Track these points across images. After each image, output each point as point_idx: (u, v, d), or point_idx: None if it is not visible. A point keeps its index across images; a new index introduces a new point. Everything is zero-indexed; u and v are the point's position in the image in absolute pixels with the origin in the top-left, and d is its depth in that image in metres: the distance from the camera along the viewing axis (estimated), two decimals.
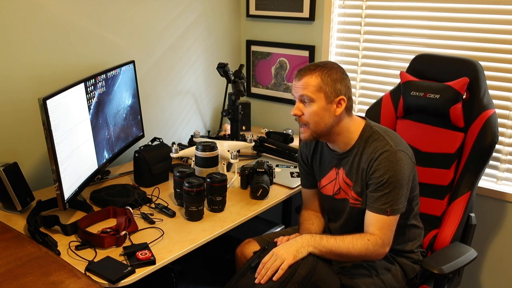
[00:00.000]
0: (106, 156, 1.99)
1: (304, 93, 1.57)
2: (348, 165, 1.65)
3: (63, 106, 1.62)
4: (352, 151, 1.64)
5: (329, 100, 1.56)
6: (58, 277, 1.34)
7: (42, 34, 1.93)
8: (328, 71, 1.56)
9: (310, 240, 1.55)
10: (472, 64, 1.86)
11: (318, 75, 1.55)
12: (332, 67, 1.58)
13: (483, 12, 2.08)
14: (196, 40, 2.65)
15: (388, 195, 1.54)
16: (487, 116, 1.82)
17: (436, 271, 1.60)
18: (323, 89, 1.55)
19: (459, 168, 1.87)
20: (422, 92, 1.91)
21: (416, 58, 2.03)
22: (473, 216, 1.88)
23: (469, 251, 1.75)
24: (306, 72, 1.57)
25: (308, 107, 1.58)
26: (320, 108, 1.56)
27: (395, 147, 1.57)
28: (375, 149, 1.58)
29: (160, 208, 1.83)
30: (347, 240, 1.55)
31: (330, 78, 1.55)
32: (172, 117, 2.62)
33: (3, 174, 1.71)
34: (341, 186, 1.70)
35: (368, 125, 1.65)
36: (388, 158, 1.54)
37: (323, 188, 1.78)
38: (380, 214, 1.55)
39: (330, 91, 1.55)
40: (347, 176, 1.67)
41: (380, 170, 1.54)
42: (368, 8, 2.42)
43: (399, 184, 1.54)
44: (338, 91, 1.56)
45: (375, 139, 1.60)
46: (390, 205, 1.54)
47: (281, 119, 2.89)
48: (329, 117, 1.58)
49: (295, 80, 1.60)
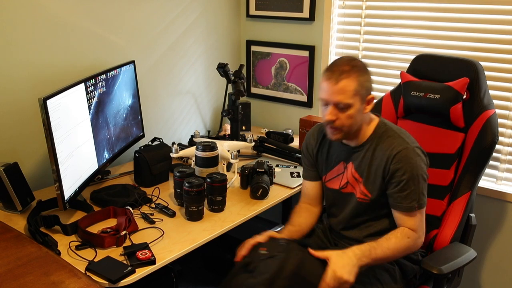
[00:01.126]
0: (106, 156, 1.99)
1: (341, 100, 1.50)
2: (359, 159, 1.65)
3: (63, 106, 1.62)
4: (365, 146, 1.64)
5: (362, 101, 1.55)
6: (58, 277, 1.34)
7: (42, 34, 1.94)
8: (361, 71, 1.52)
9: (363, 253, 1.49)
10: (473, 65, 1.86)
11: (354, 78, 1.50)
12: (361, 64, 1.55)
13: (483, 12, 2.08)
14: (196, 40, 2.65)
15: (413, 192, 1.55)
16: (487, 117, 1.82)
17: (435, 271, 1.60)
18: (359, 93, 1.51)
19: (459, 168, 1.87)
20: (422, 92, 1.92)
21: (417, 58, 2.03)
22: (473, 216, 1.88)
23: (469, 251, 1.75)
24: (343, 76, 1.49)
25: (343, 112, 1.53)
26: (355, 111, 1.53)
27: (412, 144, 1.58)
28: (391, 147, 1.58)
29: (160, 208, 1.83)
30: (391, 244, 1.54)
31: (364, 78, 1.53)
32: (172, 117, 2.62)
33: (4, 174, 1.71)
34: (349, 181, 1.69)
35: (382, 121, 1.66)
36: (407, 155, 1.55)
37: (328, 182, 1.77)
38: (409, 212, 1.57)
39: (364, 93, 1.54)
40: (356, 170, 1.66)
41: (401, 169, 1.54)
42: (368, 8, 2.42)
43: (421, 179, 1.56)
44: (369, 90, 1.56)
45: (389, 136, 1.61)
46: (417, 201, 1.56)
47: (281, 119, 2.89)
48: (360, 117, 1.58)
49: (328, 83, 1.51)
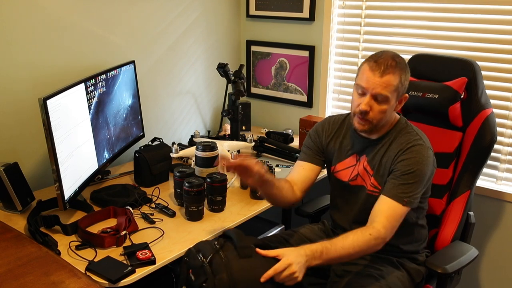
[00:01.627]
0: (106, 156, 1.99)
1: (382, 92, 1.51)
2: (373, 152, 1.65)
3: (63, 106, 1.62)
4: (383, 139, 1.64)
5: (398, 98, 1.57)
6: (58, 277, 1.34)
7: (42, 34, 1.94)
8: (404, 69, 1.54)
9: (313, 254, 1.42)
10: (470, 64, 1.86)
11: (399, 74, 1.52)
12: (404, 63, 1.56)
13: (483, 12, 2.09)
14: (196, 40, 2.65)
15: (410, 185, 1.53)
16: (486, 116, 1.82)
17: (440, 271, 1.60)
18: (398, 90, 1.54)
19: (458, 167, 1.88)
20: (420, 92, 1.92)
21: (413, 58, 2.04)
22: (472, 214, 1.89)
23: (471, 249, 1.76)
24: (389, 70, 1.50)
25: (379, 104, 1.54)
26: (390, 106, 1.55)
27: (427, 144, 1.59)
28: (407, 141, 1.59)
29: (160, 208, 1.83)
30: (347, 243, 1.46)
31: (405, 77, 1.55)
32: (172, 117, 2.62)
33: (4, 174, 1.71)
34: (359, 173, 1.68)
35: (403, 118, 1.68)
36: (419, 151, 1.56)
37: (338, 173, 1.75)
38: (395, 201, 1.52)
39: (402, 91, 1.56)
40: (368, 163, 1.66)
41: (410, 159, 1.55)
42: (368, 8, 2.42)
43: (422, 179, 1.55)
44: (405, 89, 1.58)
45: (409, 132, 1.62)
46: (409, 196, 1.53)
47: (281, 119, 2.89)
48: (391, 113, 1.60)
49: (373, 74, 1.51)
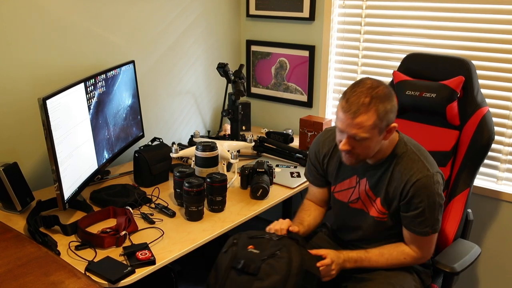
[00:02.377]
0: (106, 156, 1.99)
1: (357, 134, 1.43)
2: (375, 178, 1.59)
3: (63, 106, 1.61)
4: (383, 165, 1.57)
5: (381, 132, 1.45)
6: (58, 277, 1.34)
7: (42, 34, 1.93)
8: (383, 101, 1.41)
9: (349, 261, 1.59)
10: (465, 63, 1.87)
11: (374, 111, 1.39)
12: (383, 92, 1.42)
13: (484, 12, 2.08)
14: (196, 40, 2.65)
15: (429, 219, 1.52)
16: (483, 114, 1.83)
17: (448, 270, 1.62)
18: (378, 126, 1.42)
19: (455, 165, 1.88)
20: (418, 92, 1.92)
21: (408, 57, 2.04)
22: (470, 212, 1.90)
23: (474, 247, 1.78)
24: (361, 110, 1.39)
25: (359, 143, 1.46)
26: (373, 142, 1.46)
27: (432, 170, 1.51)
28: (411, 172, 1.51)
29: (160, 208, 1.83)
30: (381, 261, 1.59)
31: (385, 110, 1.41)
32: (172, 117, 2.62)
33: (3, 174, 1.71)
34: (361, 197, 1.64)
35: (402, 140, 1.58)
36: (426, 184, 1.49)
37: (337, 193, 1.72)
38: (421, 236, 1.55)
39: (384, 125, 1.44)
40: (371, 189, 1.61)
41: (419, 197, 1.49)
42: (368, 8, 2.42)
43: (437, 206, 1.52)
44: (390, 120, 1.45)
45: (410, 158, 1.54)
46: (431, 227, 1.53)
47: (281, 119, 2.89)
48: (379, 145, 1.50)
49: (346, 115, 1.42)
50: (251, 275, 1.46)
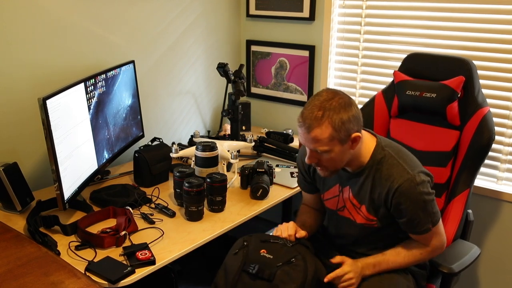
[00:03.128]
0: (106, 156, 1.99)
1: (316, 148, 1.43)
2: (357, 186, 1.57)
3: (63, 106, 1.61)
4: (363, 173, 1.54)
5: (343, 143, 1.43)
6: (58, 277, 1.34)
7: (42, 34, 1.93)
8: (336, 113, 1.39)
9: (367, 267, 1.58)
10: (466, 63, 1.87)
11: (328, 124, 1.39)
12: (337, 104, 1.40)
13: (484, 12, 2.08)
14: (196, 40, 2.65)
15: (424, 218, 1.50)
16: (483, 114, 1.83)
17: (446, 271, 1.61)
18: (336, 138, 1.41)
19: (456, 166, 1.88)
20: (418, 91, 1.92)
21: (409, 57, 2.04)
22: (470, 212, 1.90)
23: (473, 248, 1.77)
24: (314, 124, 1.39)
25: (322, 155, 1.46)
26: (336, 153, 1.44)
27: (412, 172, 1.47)
28: (391, 177, 1.48)
29: (160, 208, 1.83)
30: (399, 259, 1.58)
31: (340, 121, 1.39)
32: (172, 117, 2.62)
33: (3, 174, 1.71)
34: (346, 205, 1.63)
35: (379, 145, 1.54)
36: (408, 189, 1.46)
37: (326, 201, 1.71)
38: (425, 234, 1.53)
39: (343, 135, 1.41)
40: (355, 197, 1.59)
41: (405, 202, 1.47)
42: (368, 8, 2.42)
43: (427, 204, 1.49)
44: (351, 130, 1.42)
45: (388, 163, 1.51)
46: (430, 221, 1.51)
47: (281, 119, 2.89)
48: (346, 155, 1.48)
49: (302, 130, 1.43)
50: (265, 281, 1.48)
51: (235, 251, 1.59)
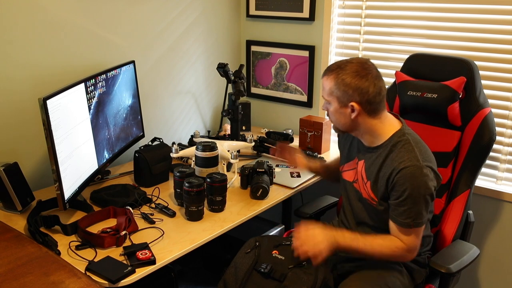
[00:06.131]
0: (106, 156, 1.99)
1: (322, 94, 1.61)
2: (370, 161, 1.62)
3: (63, 106, 1.62)
4: (378, 150, 1.59)
5: (342, 104, 1.55)
6: (58, 277, 1.34)
7: (42, 34, 1.94)
8: (344, 74, 1.51)
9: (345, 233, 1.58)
10: (468, 64, 1.87)
11: (332, 78, 1.53)
12: (351, 70, 1.51)
13: (485, 12, 2.08)
14: (196, 40, 2.65)
15: (410, 210, 1.50)
16: (484, 115, 1.83)
17: (444, 271, 1.61)
18: (334, 94, 1.54)
19: (457, 166, 1.88)
20: (419, 92, 1.92)
21: (411, 58, 2.04)
22: (471, 213, 1.90)
23: (472, 248, 1.77)
24: (326, 73, 1.57)
25: (328, 107, 1.61)
26: (335, 110, 1.58)
27: (422, 162, 1.50)
28: (401, 159, 1.51)
29: (160, 208, 1.83)
30: (376, 245, 1.56)
31: (343, 82, 1.51)
32: (172, 117, 2.62)
33: (4, 174, 1.71)
34: (358, 178, 1.68)
35: (402, 130, 1.59)
36: (412, 173, 1.48)
37: (344, 173, 1.76)
38: (404, 228, 1.53)
39: (342, 96, 1.53)
40: (365, 171, 1.64)
41: (403, 184, 1.49)
42: (368, 8, 2.42)
43: (421, 200, 1.50)
44: (350, 97, 1.52)
45: (403, 147, 1.54)
46: (413, 219, 1.51)
47: (281, 119, 2.89)
48: (345, 119, 1.58)
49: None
50: (276, 281, 1.53)
51: (247, 250, 1.63)
